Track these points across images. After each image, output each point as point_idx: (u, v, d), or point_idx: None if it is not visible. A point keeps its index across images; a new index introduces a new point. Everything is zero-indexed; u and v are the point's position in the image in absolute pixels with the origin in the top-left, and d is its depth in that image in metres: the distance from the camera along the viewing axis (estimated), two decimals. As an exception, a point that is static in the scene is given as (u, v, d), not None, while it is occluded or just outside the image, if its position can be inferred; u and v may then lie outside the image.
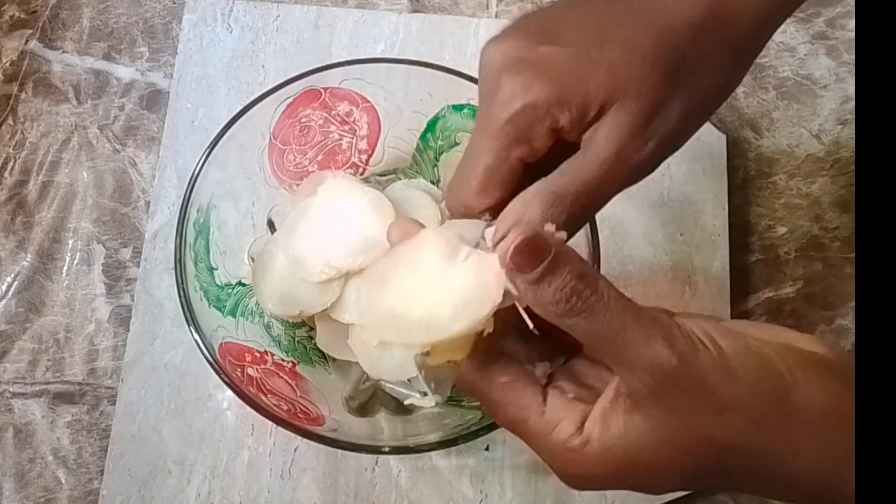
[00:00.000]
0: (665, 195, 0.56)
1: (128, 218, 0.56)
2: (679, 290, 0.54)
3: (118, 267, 0.55)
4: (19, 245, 0.56)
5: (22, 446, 0.51)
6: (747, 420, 0.27)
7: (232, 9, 0.60)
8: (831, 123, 0.60)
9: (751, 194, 0.58)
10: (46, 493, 0.51)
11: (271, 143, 0.49)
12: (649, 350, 0.27)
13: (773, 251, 0.57)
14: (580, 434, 0.28)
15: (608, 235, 0.54)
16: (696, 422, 0.27)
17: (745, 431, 0.27)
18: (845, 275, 0.56)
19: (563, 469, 0.30)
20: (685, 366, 0.27)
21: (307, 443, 0.49)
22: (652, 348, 0.27)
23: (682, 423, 0.27)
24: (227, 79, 0.58)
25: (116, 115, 0.59)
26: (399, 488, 0.50)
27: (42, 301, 0.54)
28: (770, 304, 0.56)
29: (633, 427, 0.28)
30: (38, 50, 0.60)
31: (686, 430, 0.27)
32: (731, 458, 0.28)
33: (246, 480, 0.50)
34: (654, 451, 0.28)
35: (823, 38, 0.61)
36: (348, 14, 0.60)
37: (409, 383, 0.48)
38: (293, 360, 0.48)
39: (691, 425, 0.27)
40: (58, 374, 0.53)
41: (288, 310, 0.48)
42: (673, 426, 0.27)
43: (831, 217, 0.58)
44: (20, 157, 0.58)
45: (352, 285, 0.48)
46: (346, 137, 0.51)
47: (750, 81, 0.60)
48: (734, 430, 0.27)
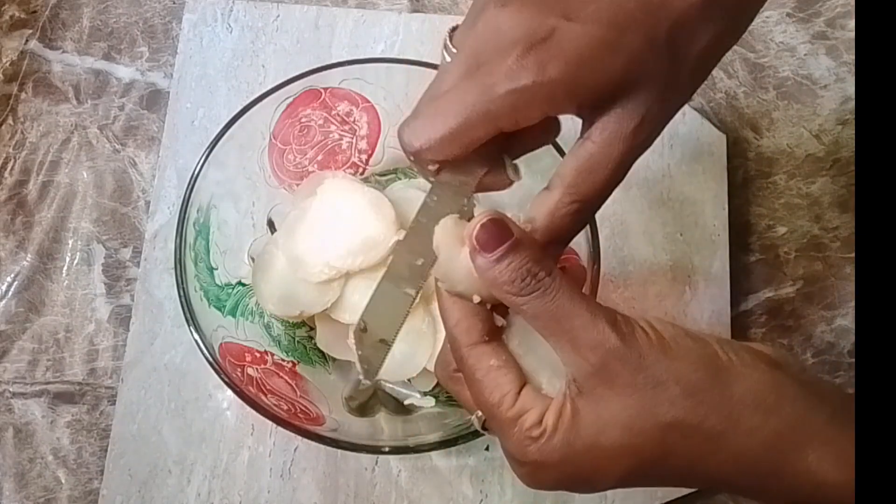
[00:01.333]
0: (665, 195, 0.56)
1: (128, 218, 0.56)
2: (679, 290, 0.54)
3: (118, 267, 0.55)
4: (19, 245, 0.56)
5: (22, 446, 0.51)
6: (683, 391, 0.28)
7: (232, 9, 0.60)
8: (831, 123, 0.60)
9: (751, 194, 0.58)
10: (46, 492, 0.51)
11: (271, 143, 0.49)
12: (593, 330, 0.29)
13: (773, 251, 0.57)
14: (539, 426, 0.30)
15: (608, 235, 0.54)
16: (635, 398, 0.28)
17: (683, 404, 0.28)
18: (845, 275, 0.56)
19: (522, 459, 0.30)
20: (625, 344, 0.28)
21: (307, 443, 0.49)
22: (595, 328, 0.29)
23: (623, 401, 0.29)
24: (227, 79, 0.58)
25: (116, 115, 0.59)
26: (399, 488, 0.50)
27: (42, 301, 0.54)
28: (770, 304, 0.56)
29: (580, 411, 0.29)
30: (38, 50, 0.60)
31: (626, 407, 0.28)
32: (673, 435, 0.28)
33: (246, 480, 0.50)
34: (599, 433, 0.29)
35: (823, 38, 0.61)
36: (348, 14, 0.60)
37: (409, 383, 0.48)
38: (293, 360, 0.48)
39: (631, 402, 0.28)
40: (58, 374, 0.53)
41: (288, 310, 0.48)
42: (613, 405, 0.29)
43: (831, 217, 0.58)
44: (20, 157, 0.58)
45: (352, 285, 0.48)
46: (346, 137, 0.51)
47: (750, 81, 0.60)
48: (671, 402, 0.28)
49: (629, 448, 0.29)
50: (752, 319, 0.55)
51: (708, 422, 0.28)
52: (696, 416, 0.28)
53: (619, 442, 0.29)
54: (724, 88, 0.60)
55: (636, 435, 0.29)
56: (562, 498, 0.50)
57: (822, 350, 0.55)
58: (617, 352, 0.28)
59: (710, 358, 0.29)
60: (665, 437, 0.28)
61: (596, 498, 0.50)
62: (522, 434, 0.30)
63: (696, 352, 0.29)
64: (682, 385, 0.28)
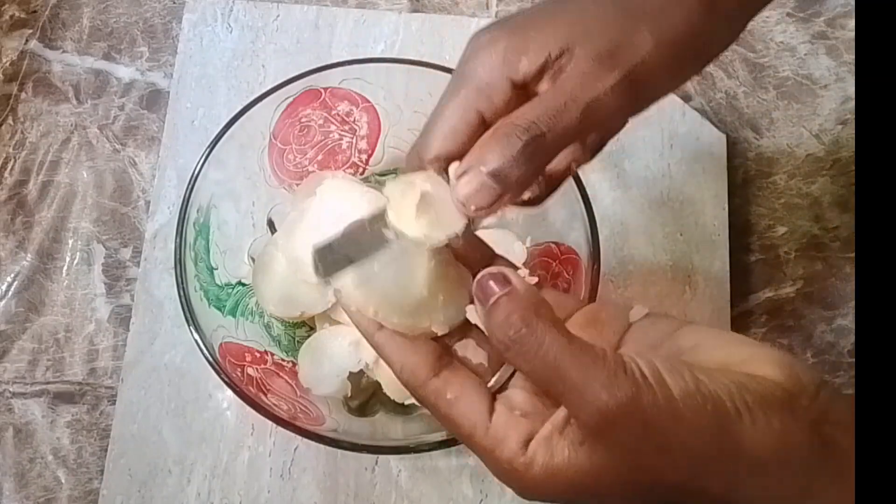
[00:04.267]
0: (665, 195, 0.56)
1: (128, 218, 0.56)
2: (679, 290, 0.54)
3: (118, 267, 0.55)
4: (19, 245, 0.56)
5: (22, 446, 0.52)
6: (690, 461, 0.27)
7: (232, 9, 0.60)
8: (831, 123, 0.60)
9: (751, 194, 0.58)
10: (46, 492, 0.51)
11: (271, 143, 0.49)
12: (588, 394, 0.26)
13: (773, 251, 0.57)
14: (524, 454, 0.28)
15: (608, 235, 0.54)
16: (641, 461, 0.27)
17: (689, 472, 0.27)
18: (845, 275, 0.56)
19: (509, 484, 0.30)
20: (628, 408, 0.26)
21: (307, 443, 0.49)
22: (591, 392, 0.26)
23: (627, 462, 0.27)
24: (227, 78, 0.58)
25: (116, 115, 0.59)
26: (399, 488, 0.50)
27: (42, 301, 0.54)
28: (770, 304, 0.56)
29: (577, 459, 0.28)
30: (38, 50, 0.60)
31: (631, 468, 0.27)
32: (676, 496, 0.28)
33: (246, 480, 0.50)
34: (598, 483, 0.28)
35: (823, 38, 0.61)
36: (348, 14, 0.60)
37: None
38: (293, 360, 0.48)
39: (637, 464, 0.27)
40: (58, 373, 0.53)
41: (288, 311, 0.48)
42: (617, 463, 0.27)
43: (831, 217, 0.58)
44: (20, 157, 0.58)
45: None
46: (346, 137, 0.51)
47: (750, 81, 0.60)
48: (677, 469, 0.27)
49: (632, 495, 0.28)
50: (752, 319, 0.55)
51: (714, 490, 0.27)
52: (702, 485, 0.27)
53: (620, 492, 0.28)
54: (724, 88, 0.60)
55: (641, 489, 0.28)
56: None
57: (822, 350, 0.55)
58: (617, 419, 0.26)
59: (720, 418, 0.27)
60: (666, 494, 0.28)
61: (596, 498, 0.50)
62: (504, 464, 0.29)
63: (705, 415, 0.27)
64: (689, 455, 0.27)
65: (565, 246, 0.47)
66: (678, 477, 0.27)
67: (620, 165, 0.56)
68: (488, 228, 0.52)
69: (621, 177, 0.56)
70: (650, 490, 0.28)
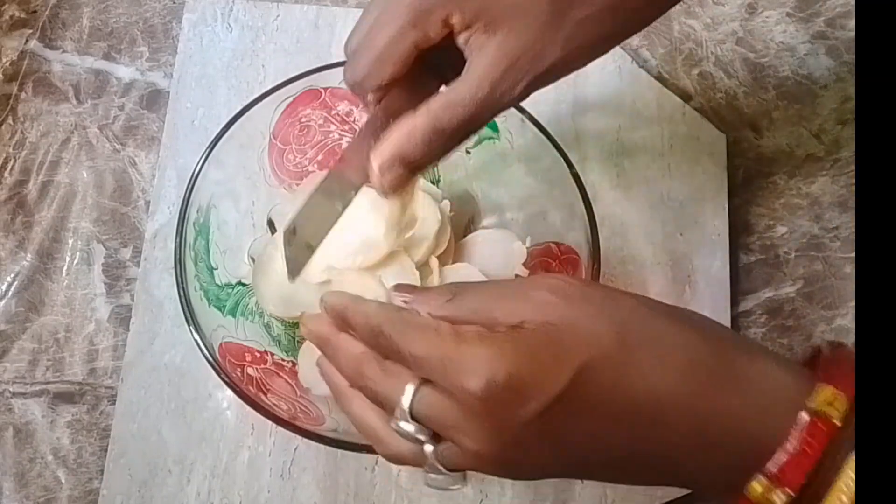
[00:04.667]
0: (665, 195, 0.56)
1: (128, 218, 0.56)
2: (679, 289, 0.54)
3: (118, 267, 0.55)
4: (19, 245, 0.56)
5: (22, 446, 0.52)
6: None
7: (232, 8, 0.60)
8: (831, 123, 0.60)
9: (751, 194, 0.58)
10: (46, 492, 0.51)
11: (271, 143, 0.49)
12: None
13: (773, 251, 0.57)
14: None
15: (608, 235, 0.54)
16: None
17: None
18: (845, 275, 0.56)
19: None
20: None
21: (307, 443, 0.49)
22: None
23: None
24: (227, 78, 0.58)
25: (116, 115, 0.59)
26: (399, 488, 0.50)
27: (42, 301, 0.54)
28: (770, 303, 0.56)
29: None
30: (38, 50, 0.60)
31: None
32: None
33: (246, 480, 0.50)
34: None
35: (823, 38, 0.61)
36: (348, 14, 0.60)
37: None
38: (293, 360, 0.48)
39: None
40: (58, 373, 0.53)
41: (289, 311, 0.48)
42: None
43: (831, 217, 0.58)
44: (20, 156, 0.58)
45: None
46: (346, 137, 0.51)
47: (750, 81, 0.60)
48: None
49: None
50: (752, 319, 0.55)
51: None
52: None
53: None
54: (724, 88, 0.60)
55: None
56: (561, 497, 0.50)
57: (822, 350, 0.55)
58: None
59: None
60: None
61: (595, 497, 0.50)
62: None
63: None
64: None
65: (565, 246, 0.47)
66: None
67: (620, 165, 0.57)
68: (488, 229, 0.52)
69: (621, 177, 0.56)
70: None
